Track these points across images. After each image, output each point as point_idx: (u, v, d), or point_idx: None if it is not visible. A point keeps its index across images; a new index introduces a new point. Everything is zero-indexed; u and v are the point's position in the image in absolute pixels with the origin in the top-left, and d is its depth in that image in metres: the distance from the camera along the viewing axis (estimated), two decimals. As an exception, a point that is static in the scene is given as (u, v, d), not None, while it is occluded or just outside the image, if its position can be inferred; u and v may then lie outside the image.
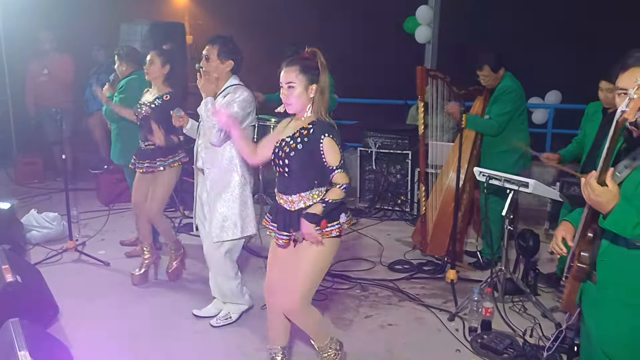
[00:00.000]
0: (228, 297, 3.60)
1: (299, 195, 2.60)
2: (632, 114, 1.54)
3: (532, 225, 5.12)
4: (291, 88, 2.52)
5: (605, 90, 3.60)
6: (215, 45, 3.32)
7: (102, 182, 6.26)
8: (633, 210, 1.70)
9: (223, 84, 3.38)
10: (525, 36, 7.98)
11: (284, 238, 2.65)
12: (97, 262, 4.51)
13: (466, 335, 3.45)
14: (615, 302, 1.88)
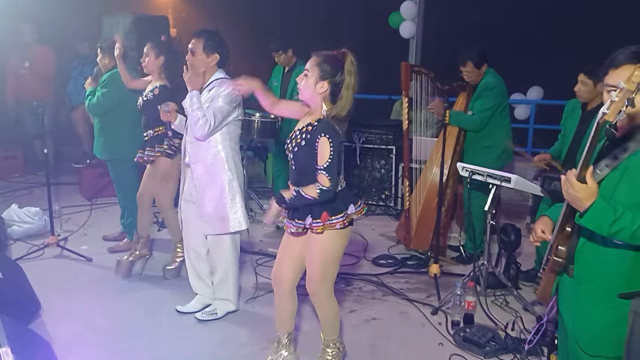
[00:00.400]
0: (222, 293, 3.59)
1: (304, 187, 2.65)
2: (612, 116, 1.55)
3: (514, 219, 5.19)
4: (306, 76, 2.59)
5: (580, 83, 3.72)
6: (201, 39, 3.31)
7: (84, 177, 6.20)
8: (610, 208, 1.72)
9: (209, 77, 3.37)
10: (508, 33, 8.06)
11: (289, 225, 2.74)
12: (79, 258, 4.47)
13: (449, 329, 3.49)
14: (590, 297, 1.91)
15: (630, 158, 1.82)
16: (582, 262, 1.93)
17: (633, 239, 1.73)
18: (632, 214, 1.71)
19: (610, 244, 1.85)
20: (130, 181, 4.56)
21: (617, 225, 1.71)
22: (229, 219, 3.39)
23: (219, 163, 3.35)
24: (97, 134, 4.53)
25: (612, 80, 1.84)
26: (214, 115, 3.21)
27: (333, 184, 2.53)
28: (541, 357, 3.14)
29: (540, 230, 2.10)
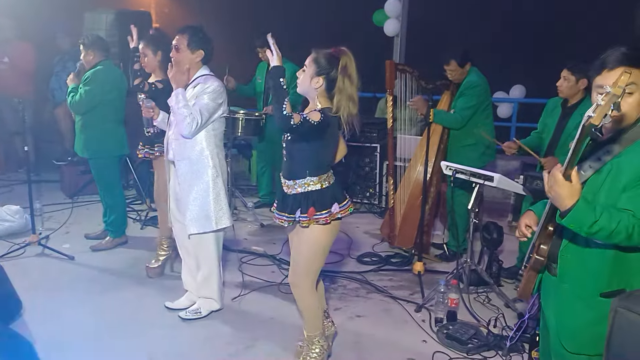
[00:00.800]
0: (206, 292, 3.58)
1: (294, 181, 2.71)
2: (598, 120, 1.56)
3: (496, 217, 5.24)
4: (303, 71, 2.68)
5: (562, 78, 3.78)
6: (185, 35, 3.29)
7: (66, 174, 6.13)
8: (591, 210, 1.73)
9: (193, 74, 3.35)
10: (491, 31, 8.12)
11: (279, 218, 2.79)
12: (61, 256, 4.42)
13: (432, 326, 3.52)
14: (572, 296, 1.93)
15: (614, 160, 1.84)
16: (565, 261, 1.95)
17: (610, 239, 1.76)
18: (609, 214, 1.74)
19: (592, 244, 1.87)
20: (112, 179, 4.52)
21: (596, 227, 1.72)
22: (213, 217, 3.38)
23: (203, 160, 3.33)
24: (78, 132, 4.48)
25: (604, 81, 1.83)
26: (201, 113, 3.20)
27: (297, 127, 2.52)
28: (522, 354, 3.19)
29: (524, 225, 2.13)
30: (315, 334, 2.94)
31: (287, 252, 4.64)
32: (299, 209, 2.70)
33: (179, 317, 3.55)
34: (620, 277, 1.87)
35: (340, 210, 2.76)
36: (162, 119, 3.56)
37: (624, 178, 1.80)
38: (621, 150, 1.84)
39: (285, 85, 2.56)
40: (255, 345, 3.24)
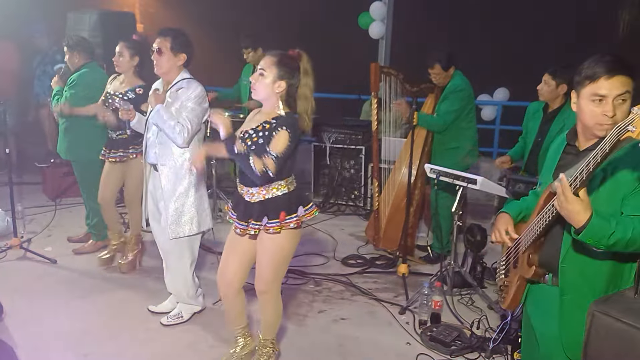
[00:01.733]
0: (182, 297, 3.56)
1: (259, 187, 2.65)
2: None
3: (480, 219, 5.28)
4: (262, 75, 2.59)
5: (543, 82, 3.83)
6: (168, 38, 3.27)
7: (48, 176, 6.06)
8: (606, 222, 1.71)
9: (174, 77, 3.34)
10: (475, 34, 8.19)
11: (242, 228, 2.72)
12: (43, 260, 4.37)
13: (416, 329, 3.54)
14: (574, 307, 1.92)
15: (607, 168, 1.83)
16: (565, 272, 1.94)
17: (627, 248, 1.75)
18: (622, 224, 1.73)
19: (593, 254, 1.87)
20: (96, 182, 4.46)
21: (613, 238, 1.71)
22: (196, 219, 3.37)
23: (185, 164, 3.32)
24: (62, 134, 4.43)
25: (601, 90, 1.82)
26: (189, 120, 3.21)
27: (276, 174, 2.55)
28: (505, 355, 3.21)
29: (504, 231, 2.11)
30: (272, 337, 2.98)
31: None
32: (265, 215, 2.65)
33: (161, 323, 3.51)
34: (615, 283, 1.89)
35: (306, 213, 2.74)
36: (139, 121, 3.55)
37: (623, 186, 1.80)
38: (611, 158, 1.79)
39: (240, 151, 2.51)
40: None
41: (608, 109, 1.80)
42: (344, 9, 7.99)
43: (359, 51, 7.58)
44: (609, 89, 1.80)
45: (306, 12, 8.98)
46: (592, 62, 1.85)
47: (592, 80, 1.83)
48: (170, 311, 3.59)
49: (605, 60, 1.83)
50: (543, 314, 2.07)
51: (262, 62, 2.62)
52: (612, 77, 1.80)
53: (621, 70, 1.81)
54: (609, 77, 1.80)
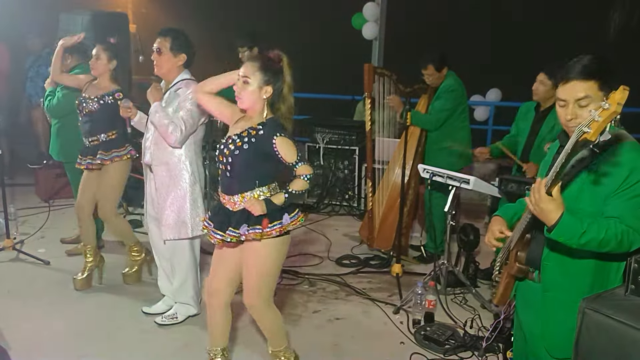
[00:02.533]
0: (182, 297, 3.55)
1: (241, 195, 2.54)
2: (594, 136, 1.53)
3: (473, 219, 5.31)
4: (246, 83, 2.48)
5: (538, 82, 3.81)
6: (168, 38, 3.25)
7: (41, 177, 6.04)
8: (577, 221, 1.75)
9: (174, 77, 3.31)
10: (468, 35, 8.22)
11: (218, 237, 2.56)
12: (36, 261, 4.36)
13: (410, 328, 3.56)
14: (557, 304, 1.96)
15: (590, 168, 1.86)
16: (548, 270, 1.98)
17: (601, 248, 1.78)
18: (596, 224, 1.77)
19: (574, 254, 1.90)
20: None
21: (585, 237, 1.75)
22: (189, 223, 3.36)
23: (181, 166, 3.31)
24: (54, 135, 4.42)
25: (562, 94, 1.88)
26: (184, 120, 3.18)
27: (260, 181, 2.53)
28: (498, 354, 3.24)
29: (498, 232, 2.12)
30: (281, 349, 2.81)
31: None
32: (245, 223, 2.50)
33: (155, 322, 3.52)
34: (601, 283, 1.91)
35: (291, 221, 2.57)
36: (140, 119, 3.50)
37: (605, 187, 1.83)
38: (594, 158, 1.85)
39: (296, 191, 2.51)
40: (233, 350, 3.23)
41: (567, 113, 1.86)
42: (337, 10, 8.01)
43: (353, 52, 7.60)
44: (568, 94, 1.85)
45: (300, 13, 8.99)
46: (564, 66, 1.90)
47: (558, 84, 1.90)
48: (164, 312, 3.59)
49: (569, 64, 1.87)
50: (529, 311, 2.11)
51: (243, 69, 2.50)
52: (569, 82, 1.85)
53: (580, 76, 1.83)
54: (567, 82, 1.85)
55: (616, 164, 1.82)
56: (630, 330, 1.49)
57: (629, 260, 1.64)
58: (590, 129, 1.51)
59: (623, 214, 1.79)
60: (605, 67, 1.84)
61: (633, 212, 1.79)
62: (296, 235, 5.22)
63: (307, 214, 5.81)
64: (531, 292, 2.08)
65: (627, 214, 1.79)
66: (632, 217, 1.78)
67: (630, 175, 1.79)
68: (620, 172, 1.80)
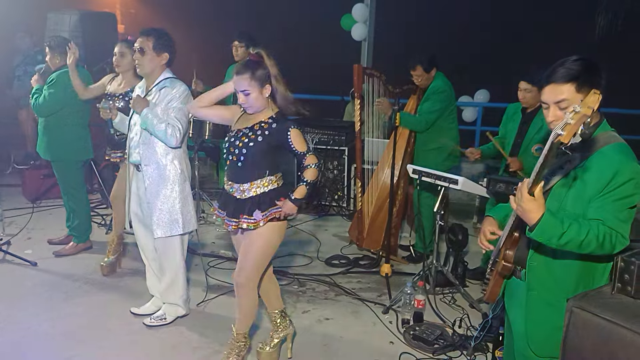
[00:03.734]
0: (171, 297, 3.54)
1: (251, 183, 2.75)
2: (567, 138, 1.58)
3: (462, 219, 5.35)
4: (247, 95, 2.70)
5: (523, 91, 3.79)
6: (150, 38, 3.27)
7: (28, 178, 5.98)
8: (558, 221, 1.78)
9: (157, 77, 3.34)
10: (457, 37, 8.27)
11: (234, 224, 2.81)
12: (23, 263, 4.31)
13: (399, 328, 3.57)
14: (541, 302, 1.98)
15: (577, 170, 1.89)
16: (533, 269, 2.00)
17: (581, 249, 1.81)
18: (577, 225, 1.79)
19: (558, 254, 1.92)
20: (76, 182, 4.44)
21: (565, 238, 1.77)
22: (181, 220, 3.37)
23: (170, 164, 3.32)
24: (41, 134, 4.38)
25: (544, 97, 1.91)
26: (178, 120, 3.22)
27: (270, 170, 2.78)
28: (486, 353, 3.26)
29: (489, 232, 2.16)
30: (246, 331, 3.01)
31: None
32: (257, 209, 2.75)
33: (144, 323, 3.50)
34: (586, 283, 1.93)
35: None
36: (121, 120, 3.54)
37: (589, 189, 1.85)
38: (584, 159, 1.89)
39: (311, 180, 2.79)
40: (223, 351, 3.22)
41: (548, 115, 1.90)
42: (326, 11, 8.03)
43: (342, 52, 7.62)
44: (548, 97, 1.90)
45: (289, 14, 8.99)
46: (542, 69, 1.96)
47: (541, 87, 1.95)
48: (153, 313, 3.57)
49: (550, 67, 1.90)
50: (516, 309, 2.13)
51: (237, 84, 2.71)
52: (549, 84, 1.89)
53: (558, 79, 1.87)
54: (547, 85, 1.90)
55: (602, 166, 1.84)
56: (617, 328, 1.51)
57: (615, 258, 1.66)
58: (564, 131, 1.56)
59: (606, 216, 1.81)
60: (583, 69, 1.86)
61: (616, 214, 1.81)
62: (285, 235, 5.20)
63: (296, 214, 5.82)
64: (518, 290, 2.10)
65: (610, 216, 1.81)
66: (614, 219, 1.80)
67: (614, 177, 1.81)
68: (605, 173, 1.82)
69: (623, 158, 1.84)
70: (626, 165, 1.82)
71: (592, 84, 1.83)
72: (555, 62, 1.96)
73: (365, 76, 4.50)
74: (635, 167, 1.83)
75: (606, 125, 1.96)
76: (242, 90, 2.70)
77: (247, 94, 2.70)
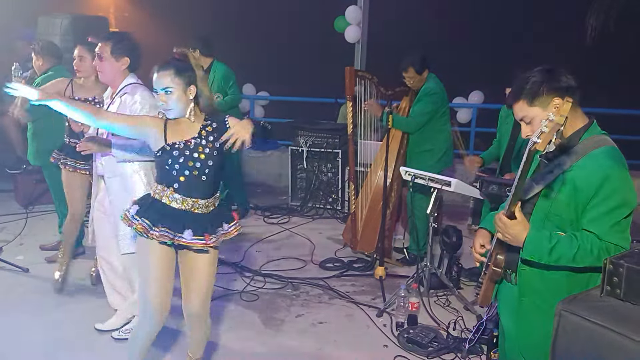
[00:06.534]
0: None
1: (213, 197, 2.55)
2: (542, 146, 1.61)
3: (456, 221, 5.33)
4: (169, 93, 2.42)
5: None
6: (108, 43, 3.13)
7: (20, 183, 5.94)
8: (544, 237, 1.81)
9: (120, 82, 3.19)
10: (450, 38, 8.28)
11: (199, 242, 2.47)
12: (15, 269, 4.27)
13: (394, 331, 3.55)
14: (533, 309, 1.98)
15: (567, 175, 1.88)
16: (524, 275, 1.99)
17: (576, 263, 1.82)
18: (567, 240, 1.80)
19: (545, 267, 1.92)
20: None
21: (555, 254, 1.80)
22: None
23: (135, 176, 3.15)
24: (30, 140, 4.36)
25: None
26: None
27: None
28: (481, 356, 3.24)
29: (479, 246, 2.17)
30: (199, 357, 2.82)
31: (250, 260, 4.62)
32: (222, 222, 2.56)
33: (112, 337, 3.39)
34: (580, 289, 1.90)
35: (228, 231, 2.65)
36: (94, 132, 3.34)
37: (580, 194, 1.84)
38: (572, 164, 1.88)
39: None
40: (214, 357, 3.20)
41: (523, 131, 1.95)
42: (319, 13, 8.03)
43: (335, 55, 7.62)
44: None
45: (283, 16, 8.98)
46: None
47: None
48: (118, 328, 3.45)
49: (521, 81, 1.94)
50: (508, 314, 2.13)
51: (159, 82, 2.43)
52: (516, 101, 1.94)
53: (511, 99, 1.95)
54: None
55: (591, 170, 1.83)
56: (606, 332, 1.50)
57: (604, 261, 1.65)
58: (540, 139, 1.60)
59: (601, 230, 1.81)
60: (530, 83, 1.90)
61: (612, 227, 1.81)
62: (280, 238, 5.22)
63: (290, 217, 5.81)
64: (510, 295, 2.09)
65: (606, 230, 1.81)
66: (610, 232, 1.80)
67: (604, 184, 1.80)
68: (594, 178, 1.82)
69: (612, 163, 1.83)
70: (615, 171, 1.81)
71: (549, 92, 1.87)
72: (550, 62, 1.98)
73: (358, 78, 4.49)
74: (623, 173, 1.83)
75: (595, 127, 1.95)
76: (164, 88, 2.41)
77: (170, 92, 2.41)
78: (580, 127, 1.93)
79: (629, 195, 1.83)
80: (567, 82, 1.88)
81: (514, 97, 1.93)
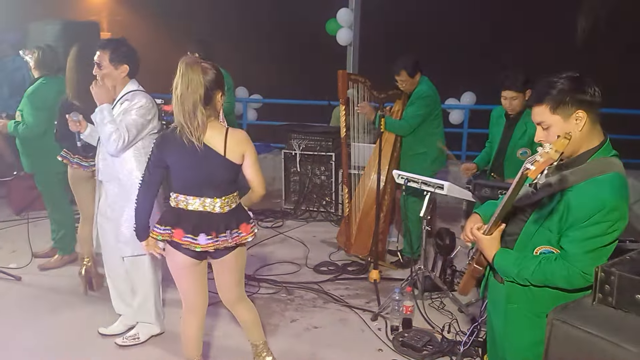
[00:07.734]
0: (145, 317, 3.42)
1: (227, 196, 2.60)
2: (534, 174, 1.56)
3: (450, 223, 5.34)
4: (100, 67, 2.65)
5: (509, 99, 3.72)
6: (106, 51, 3.12)
7: (13, 189, 5.91)
8: (510, 262, 1.92)
9: (120, 90, 3.19)
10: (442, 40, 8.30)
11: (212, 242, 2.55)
12: (7, 277, 4.25)
13: (388, 334, 3.56)
14: (520, 316, 1.98)
15: (566, 193, 1.84)
16: (510, 285, 2.00)
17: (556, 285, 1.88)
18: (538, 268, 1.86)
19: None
20: (58, 194, 4.38)
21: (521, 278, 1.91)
22: None
23: (133, 180, 3.11)
24: (20, 147, 4.33)
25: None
26: (128, 130, 3.04)
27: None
28: (476, 358, 3.25)
29: (470, 229, 2.11)
30: (264, 340, 2.98)
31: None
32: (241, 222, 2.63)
33: (115, 343, 3.38)
34: (568, 297, 1.88)
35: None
36: (90, 133, 3.37)
37: (571, 217, 1.81)
38: (574, 183, 1.84)
39: None
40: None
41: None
42: (311, 16, 8.03)
43: (328, 57, 7.62)
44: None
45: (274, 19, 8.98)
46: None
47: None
48: (121, 333, 3.46)
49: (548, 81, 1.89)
50: (496, 316, 2.14)
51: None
52: (541, 103, 1.87)
53: (533, 101, 1.90)
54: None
55: (589, 197, 1.78)
56: (598, 341, 1.50)
57: (595, 269, 1.65)
58: (534, 167, 1.56)
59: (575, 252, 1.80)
60: (558, 89, 1.83)
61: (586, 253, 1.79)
62: (274, 242, 5.21)
63: (284, 221, 5.80)
64: (498, 293, 2.10)
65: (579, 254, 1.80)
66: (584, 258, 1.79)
67: (596, 214, 1.76)
68: (589, 207, 1.77)
69: (611, 196, 1.76)
70: (612, 204, 1.76)
71: (574, 103, 1.81)
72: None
73: (350, 82, 4.50)
74: (620, 205, 1.77)
75: (608, 148, 1.88)
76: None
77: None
78: (592, 147, 1.86)
79: (617, 226, 1.78)
80: (592, 97, 1.81)
81: (537, 99, 1.86)
